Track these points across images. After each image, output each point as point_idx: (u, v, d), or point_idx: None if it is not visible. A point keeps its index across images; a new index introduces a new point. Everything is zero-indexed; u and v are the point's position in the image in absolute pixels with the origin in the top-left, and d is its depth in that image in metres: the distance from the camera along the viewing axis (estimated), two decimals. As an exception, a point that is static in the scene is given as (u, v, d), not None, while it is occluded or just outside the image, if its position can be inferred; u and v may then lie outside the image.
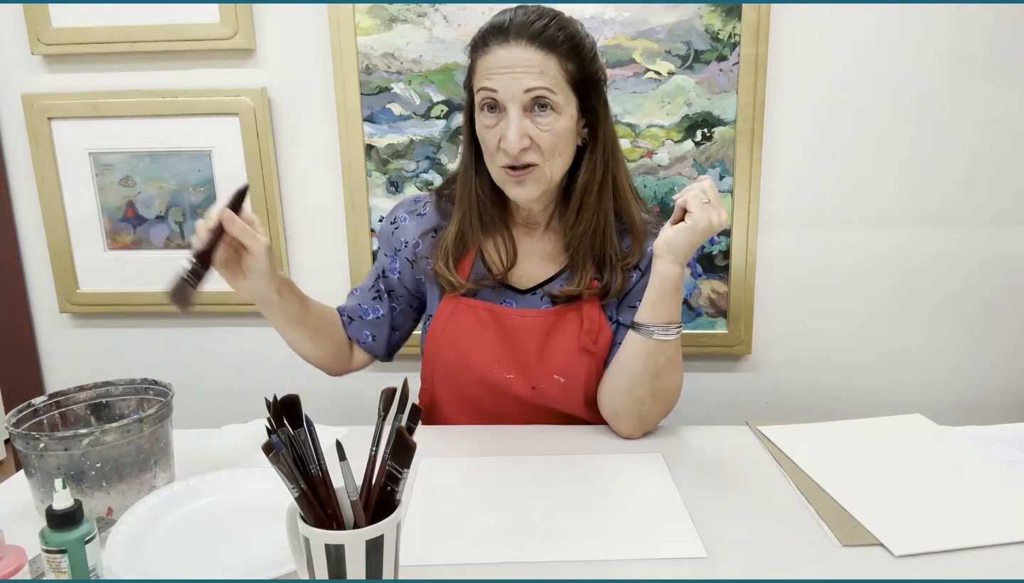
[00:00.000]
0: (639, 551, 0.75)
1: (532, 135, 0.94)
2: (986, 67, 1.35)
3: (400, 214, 1.11)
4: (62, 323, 1.54)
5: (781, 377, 1.51)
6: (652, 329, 0.97)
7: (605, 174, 1.02)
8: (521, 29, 0.93)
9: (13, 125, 1.43)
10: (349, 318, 1.13)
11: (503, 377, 1.05)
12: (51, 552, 0.65)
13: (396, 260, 1.11)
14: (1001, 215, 1.42)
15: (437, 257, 1.05)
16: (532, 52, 0.93)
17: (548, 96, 0.93)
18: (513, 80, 0.93)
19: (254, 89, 1.38)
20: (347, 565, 0.58)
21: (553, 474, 0.91)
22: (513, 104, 0.93)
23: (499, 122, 0.95)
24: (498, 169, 0.98)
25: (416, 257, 1.09)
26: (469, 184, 1.04)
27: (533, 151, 0.95)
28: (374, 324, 1.12)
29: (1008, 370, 1.50)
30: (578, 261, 1.03)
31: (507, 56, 0.93)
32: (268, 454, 0.57)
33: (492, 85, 0.94)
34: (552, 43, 0.94)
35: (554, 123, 0.95)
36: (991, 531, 0.77)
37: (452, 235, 1.05)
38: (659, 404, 1.01)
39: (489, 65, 0.94)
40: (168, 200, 1.45)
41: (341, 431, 1.06)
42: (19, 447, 0.80)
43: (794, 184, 1.41)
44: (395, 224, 1.11)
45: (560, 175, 1.00)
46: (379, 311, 1.12)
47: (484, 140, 0.98)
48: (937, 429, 1.03)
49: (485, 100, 0.96)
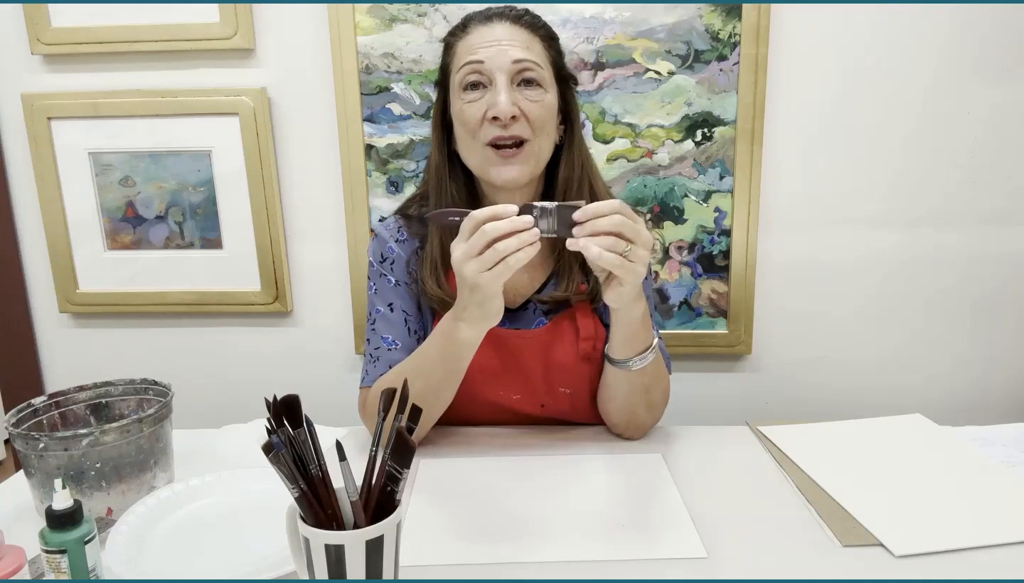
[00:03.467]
0: (639, 551, 0.75)
1: (522, 106, 0.91)
2: (985, 67, 1.35)
3: (388, 246, 1.04)
4: (62, 323, 1.54)
5: (781, 377, 1.51)
6: (628, 362, 0.94)
7: (583, 171, 1.01)
8: (503, 13, 0.95)
9: (13, 125, 1.43)
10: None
11: (510, 398, 1.04)
12: (51, 552, 0.65)
13: (405, 289, 1.04)
14: (1002, 215, 1.42)
15: (427, 278, 1.00)
16: (517, 30, 0.94)
17: (535, 69, 0.92)
18: (500, 51, 0.91)
19: (254, 89, 1.38)
20: (347, 565, 0.58)
21: (553, 474, 0.91)
22: (501, 74, 0.91)
23: (484, 96, 0.92)
24: (482, 149, 0.93)
25: (412, 280, 1.04)
26: (444, 190, 1.00)
27: (523, 123, 0.92)
28: None
29: (1008, 370, 1.50)
30: (564, 265, 1.01)
31: (492, 33, 0.93)
32: (268, 454, 0.57)
33: (478, 57, 0.92)
34: (534, 26, 0.95)
35: (542, 96, 0.93)
36: (991, 531, 0.77)
37: (437, 249, 1.00)
38: (654, 411, 1.02)
39: (472, 42, 0.93)
40: (168, 200, 1.45)
41: (341, 431, 1.06)
42: (19, 447, 0.80)
43: (794, 184, 1.41)
44: (387, 258, 1.04)
45: (545, 159, 0.97)
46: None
47: (464, 118, 0.93)
48: (937, 429, 1.03)
49: (469, 76, 0.93)
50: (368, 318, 1.05)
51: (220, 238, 1.46)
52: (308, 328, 1.52)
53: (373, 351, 1.03)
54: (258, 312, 1.50)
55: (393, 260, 1.04)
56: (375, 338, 1.03)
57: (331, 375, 1.53)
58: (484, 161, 0.95)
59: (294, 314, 1.51)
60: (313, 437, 0.62)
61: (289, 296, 1.49)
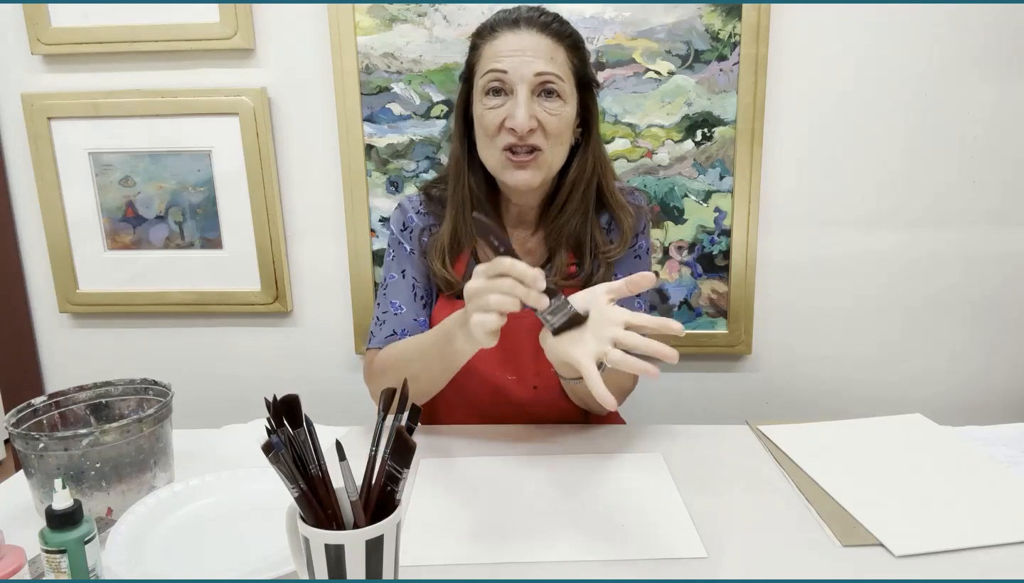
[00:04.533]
0: (639, 551, 0.75)
1: (539, 118, 0.94)
2: (985, 67, 1.35)
3: (409, 215, 1.09)
4: (62, 323, 1.54)
5: (781, 377, 1.51)
6: (575, 379, 0.90)
7: (593, 173, 1.03)
8: (531, 19, 0.96)
9: (13, 125, 1.43)
10: (411, 335, 1.05)
11: (505, 379, 1.05)
12: (51, 552, 0.65)
13: (419, 258, 1.08)
14: (1001, 214, 1.42)
15: (434, 257, 1.04)
16: (543, 39, 0.95)
17: (556, 83, 0.94)
18: (523, 62, 0.93)
19: (254, 89, 1.38)
20: (347, 565, 0.58)
21: (553, 474, 0.91)
22: (522, 85, 0.93)
23: (504, 104, 0.95)
24: (498, 153, 0.96)
25: (423, 252, 1.08)
26: (462, 180, 1.03)
27: (539, 134, 0.95)
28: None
29: (1008, 370, 1.50)
30: (556, 251, 1.04)
31: (518, 41, 0.94)
32: (268, 454, 0.57)
33: (502, 66, 0.94)
34: (561, 35, 0.97)
35: (561, 109, 0.95)
36: (991, 531, 0.77)
37: (448, 234, 1.04)
38: (623, 394, 1.04)
39: (498, 49, 0.95)
40: (168, 200, 1.45)
41: (341, 431, 1.06)
42: (19, 447, 0.80)
43: (794, 184, 1.41)
44: (408, 227, 1.08)
45: (559, 166, 1.01)
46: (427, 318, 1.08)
47: (484, 122, 0.96)
48: (937, 429, 1.03)
49: (492, 82, 0.95)
50: (382, 283, 1.10)
51: (220, 238, 1.46)
52: (308, 328, 1.52)
53: (381, 314, 1.08)
54: (258, 312, 1.50)
55: (412, 229, 1.09)
56: (384, 302, 1.08)
57: (331, 375, 1.53)
58: (499, 165, 0.98)
59: (294, 314, 1.51)
60: (313, 437, 0.62)
61: (289, 296, 1.49)
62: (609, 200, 1.05)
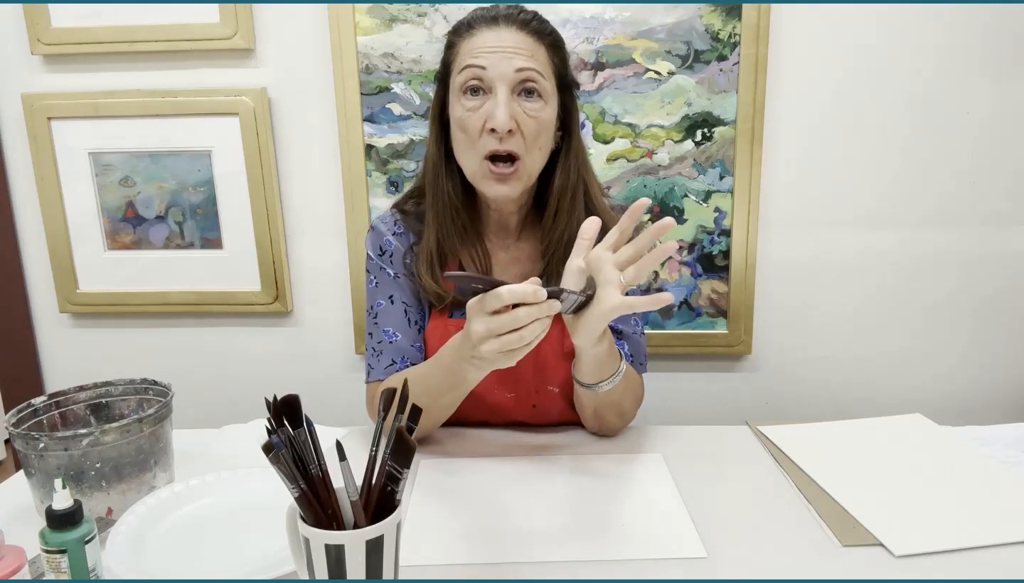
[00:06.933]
0: (639, 551, 0.75)
1: (518, 119, 0.91)
2: (986, 67, 1.35)
3: (386, 239, 1.05)
4: (62, 323, 1.54)
5: (781, 377, 1.51)
6: (596, 386, 0.93)
7: (579, 179, 1.00)
8: (511, 16, 0.94)
9: (13, 125, 1.43)
10: (412, 363, 1.03)
11: (504, 397, 1.04)
12: (51, 552, 0.65)
13: (404, 281, 1.05)
14: (1002, 215, 1.42)
15: (423, 272, 1.01)
16: (523, 36, 0.93)
17: (538, 80, 0.92)
18: (503, 59, 0.90)
19: (254, 89, 1.38)
20: (347, 565, 0.58)
21: (553, 474, 0.91)
22: (502, 83, 0.90)
23: (483, 104, 0.92)
24: (479, 162, 0.93)
25: (409, 273, 1.04)
26: (440, 186, 1.00)
27: (518, 138, 0.92)
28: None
29: (1008, 370, 1.50)
30: (553, 268, 1.01)
31: (497, 37, 0.92)
32: (268, 454, 0.57)
33: (480, 63, 0.91)
34: (541, 33, 0.94)
35: (540, 110, 0.93)
36: (991, 531, 0.77)
37: (433, 245, 1.00)
38: (625, 417, 1.03)
39: (477, 45, 0.92)
40: (168, 200, 1.45)
41: (341, 431, 1.06)
42: (19, 447, 0.80)
43: (794, 184, 1.41)
44: (386, 251, 1.05)
45: (537, 172, 0.98)
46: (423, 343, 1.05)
47: (465, 125, 0.93)
48: (937, 429, 1.03)
49: (469, 80, 0.92)
50: (369, 312, 1.06)
51: (220, 238, 1.46)
52: (308, 328, 1.52)
53: (375, 345, 1.04)
54: (258, 312, 1.50)
55: (391, 253, 1.05)
56: (377, 331, 1.04)
57: (331, 375, 1.53)
58: (479, 175, 0.95)
59: (294, 314, 1.51)
60: (313, 437, 0.62)
61: (289, 296, 1.49)
62: (593, 204, 1.02)
